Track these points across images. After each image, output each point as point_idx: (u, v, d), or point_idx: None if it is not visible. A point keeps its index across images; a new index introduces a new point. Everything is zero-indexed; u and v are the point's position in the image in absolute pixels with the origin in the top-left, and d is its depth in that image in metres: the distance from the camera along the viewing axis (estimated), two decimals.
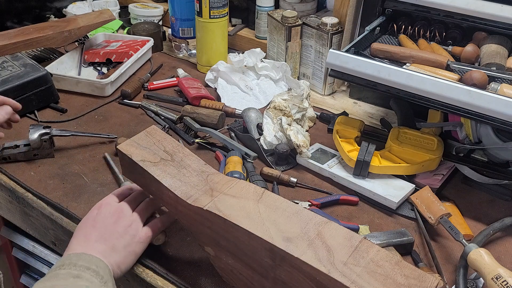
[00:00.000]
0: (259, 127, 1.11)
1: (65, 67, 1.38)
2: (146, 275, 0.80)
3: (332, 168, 1.02)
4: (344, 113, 1.21)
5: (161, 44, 1.57)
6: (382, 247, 0.80)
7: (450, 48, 1.03)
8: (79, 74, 1.39)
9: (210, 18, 1.33)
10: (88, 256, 0.70)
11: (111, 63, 1.42)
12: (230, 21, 1.57)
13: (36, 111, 1.21)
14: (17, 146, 1.05)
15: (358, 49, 1.00)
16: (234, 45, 1.53)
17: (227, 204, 0.69)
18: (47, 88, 1.22)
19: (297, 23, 1.29)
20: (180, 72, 1.40)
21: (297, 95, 1.14)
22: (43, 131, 1.04)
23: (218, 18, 1.34)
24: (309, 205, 0.93)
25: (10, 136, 1.12)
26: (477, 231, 0.86)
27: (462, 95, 0.82)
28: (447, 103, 0.84)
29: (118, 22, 1.69)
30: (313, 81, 1.35)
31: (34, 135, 1.03)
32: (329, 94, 1.35)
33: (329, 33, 1.24)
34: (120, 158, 0.84)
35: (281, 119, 1.06)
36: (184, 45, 1.53)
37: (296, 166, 1.06)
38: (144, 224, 0.79)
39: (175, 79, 1.37)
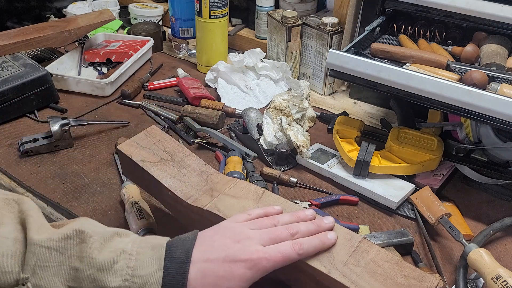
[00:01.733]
0: (259, 127, 1.11)
1: (65, 67, 1.38)
2: None
3: (332, 168, 1.02)
4: (344, 113, 1.21)
5: (161, 44, 1.57)
6: (382, 247, 0.80)
7: (450, 48, 1.03)
8: (79, 74, 1.40)
9: (210, 18, 1.33)
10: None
11: (111, 63, 1.42)
12: (230, 21, 1.57)
13: (36, 111, 1.21)
14: (36, 140, 1.06)
15: (358, 49, 1.00)
16: (234, 45, 1.53)
17: (227, 204, 0.69)
18: (47, 88, 1.22)
19: (297, 23, 1.29)
20: (180, 72, 1.40)
21: (297, 95, 1.14)
22: (63, 121, 1.06)
23: (218, 18, 1.34)
24: (309, 205, 0.93)
25: (11, 136, 1.13)
26: (477, 231, 0.86)
27: (462, 95, 0.82)
28: (447, 103, 0.84)
29: (118, 22, 1.69)
30: (313, 81, 1.35)
31: (55, 127, 1.05)
32: (329, 94, 1.35)
33: (329, 33, 1.24)
34: (120, 158, 0.85)
35: (281, 119, 1.06)
36: (184, 45, 1.53)
37: (296, 166, 1.06)
38: None
39: (175, 79, 1.37)
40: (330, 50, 0.94)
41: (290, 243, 0.59)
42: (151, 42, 1.46)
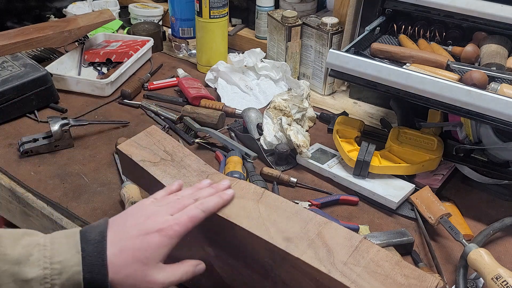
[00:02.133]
0: (259, 127, 1.11)
1: (65, 67, 1.38)
2: None
3: (332, 168, 1.02)
4: (344, 113, 1.21)
5: (161, 44, 1.57)
6: (382, 247, 0.80)
7: (450, 48, 1.03)
8: (79, 74, 1.40)
9: (210, 18, 1.33)
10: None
11: (111, 63, 1.42)
12: (230, 21, 1.57)
13: (36, 111, 1.21)
14: (36, 140, 1.07)
15: (358, 49, 1.00)
16: (234, 45, 1.53)
17: (227, 204, 0.69)
18: (47, 88, 1.22)
19: (297, 23, 1.29)
20: (180, 72, 1.40)
21: (297, 95, 1.14)
22: (63, 121, 1.06)
23: (218, 18, 1.34)
24: (309, 205, 0.93)
25: (11, 136, 1.13)
26: (477, 231, 0.86)
27: (462, 95, 0.82)
28: (447, 103, 0.84)
29: (118, 22, 1.69)
30: (313, 81, 1.35)
31: (55, 127, 1.05)
32: (329, 94, 1.35)
33: (329, 33, 1.24)
34: (120, 158, 0.85)
35: (281, 119, 1.06)
36: (184, 45, 1.53)
37: (296, 166, 1.06)
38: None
39: (175, 79, 1.37)
40: (330, 50, 0.94)
41: (193, 205, 0.65)
42: (151, 42, 1.46)
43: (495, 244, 0.87)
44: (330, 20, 1.24)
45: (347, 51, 0.96)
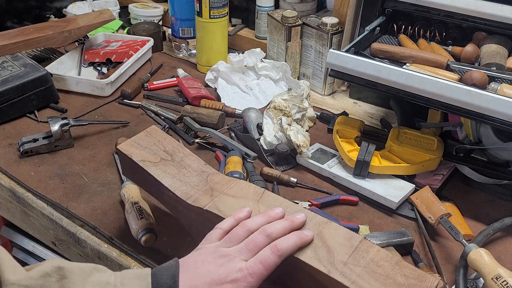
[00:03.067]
0: (259, 127, 1.11)
1: (65, 67, 1.38)
2: None
3: (332, 168, 1.02)
4: (344, 113, 1.21)
5: (161, 44, 1.57)
6: (382, 247, 0.80)
7: (450, 48, 1.03)
8: (79, 74, 1.39)
9: (210, 18, 1.33)
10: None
11: (111, 63, 1.42)
12: (230, 21, 1.57)
13: (36, 111, 1.21)
14: (36, 140, 1.07)
15: (358, 49, 1.00)
16: (234, 45, 1.53)
17: (227, 204, 0.69)
18: (47, 88, 1.22)
19: (297, 23, 1.29)
20: (180, 72, 1.40)
21: (297, 95, 1.14)
22: (63, 121, 1.06)
23: (218, 18, 1.34)
24: (309, 205, 0.93)
25: (11, 136, 1.13)
26: (477, 231, 0.86)
27: (462, 95, 0.82)
28: (447, 103, 0.84)
29: (118, 22, 1.69)
30: (313, 81, 1.35)
31: (55, 127, 1.05)
32: (329, 94, 1.35)
33: (329, 33, 1.24)
34: (120, 158, 0.85)
35: (281, 119, 1.06)
36: (184, 45, 1.53)
37: (296, 166, 1.06)
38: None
39: (175, 79, 1.37)
40: (330, 50, 0.94)
41: (268, 249, 0.59)
42: (151, 42, 1.46)
43: (495, 244, 0.87)
44: (330, 20, 1.24)
45: (347, 51, 0.96)
